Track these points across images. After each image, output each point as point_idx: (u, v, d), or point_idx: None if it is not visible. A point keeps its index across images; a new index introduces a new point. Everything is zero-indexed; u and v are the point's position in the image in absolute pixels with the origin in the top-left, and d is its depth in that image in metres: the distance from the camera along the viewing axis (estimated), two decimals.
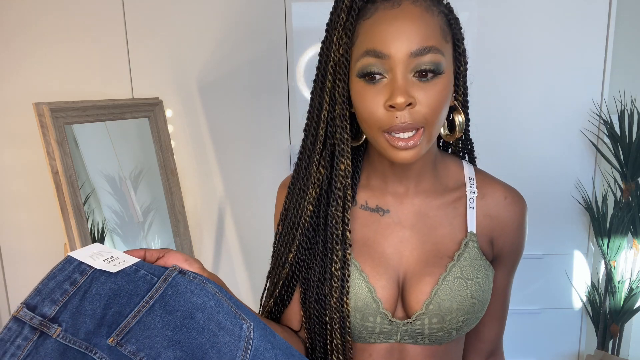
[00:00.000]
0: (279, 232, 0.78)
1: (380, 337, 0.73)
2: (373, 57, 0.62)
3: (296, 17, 1.71)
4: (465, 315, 0.71)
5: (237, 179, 1.85)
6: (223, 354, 0.60)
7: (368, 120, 0.64)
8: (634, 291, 1.72)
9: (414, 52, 0.61)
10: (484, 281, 0.72)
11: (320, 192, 0.72)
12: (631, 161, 1.65)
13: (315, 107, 0.71)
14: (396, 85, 0.61)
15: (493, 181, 0.77)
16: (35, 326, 0.56)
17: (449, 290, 0.70)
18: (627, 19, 1.73)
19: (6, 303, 1.93)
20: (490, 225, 0.75)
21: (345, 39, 0.65)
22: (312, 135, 0.72)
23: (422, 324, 0.70)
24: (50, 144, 1.30)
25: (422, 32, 0.61)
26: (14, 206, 1.87)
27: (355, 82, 0.65)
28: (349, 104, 0.68)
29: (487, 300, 0.73)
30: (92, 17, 1.73)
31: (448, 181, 0.76)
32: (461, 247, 0.72)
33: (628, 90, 1.74)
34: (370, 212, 0.75)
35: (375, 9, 0.63)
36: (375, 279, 0.71)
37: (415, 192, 0.75)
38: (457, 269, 0.71)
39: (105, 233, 1.65)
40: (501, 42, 1.70)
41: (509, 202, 0.75)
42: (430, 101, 0.62)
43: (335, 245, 0.70)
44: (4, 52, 1.76)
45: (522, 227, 0.77)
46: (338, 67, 0.66)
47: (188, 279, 0.63)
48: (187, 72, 1.77)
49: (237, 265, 1.89)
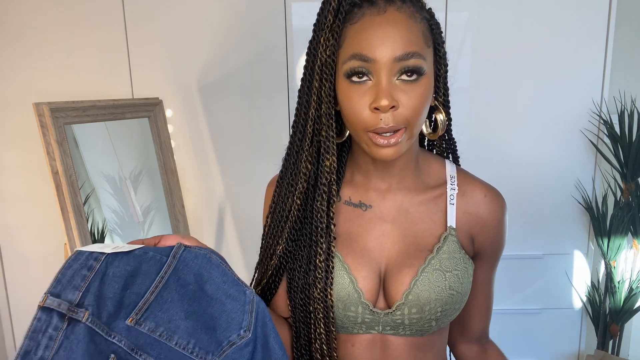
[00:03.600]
0: (267, 225, 0.82)
1: (362, 328, 0.75)
2: (359, 61, 0.65)
3: (296, 17, 1.71)
4: (443, 306, 0.73)
5: (237, 179, 1.85)
6: (231, 319, 0.64)
7: (353, 120, 0.67)
8: (634, 291, 1.72)
9: (398, 57, 0.64)
10: (462, 274, 0.75)
11: (307, 187, 0.76)
12: (631, 161, 1.65)
13: (303, 104, 0.74)
14: (381, 88, 0.64)
15: (474, 180, 0.80)
16: (64, 311, 0.58)
17: (427, 281, 0.73)
18: (627, 19, 1.73)
19: (6, 303, 1.93)
20: (470, 222, 0.78)
21: (332, 41, 0.67)
22: (300, 132, 0.76)
23: (402, 314, 0.73)
24: (50, 144, 1.30)
25: (406, 38, 0.65)
26: (14, 206, 1.87)
27: (342, 83, 0.68)
28: (334, 103, 0.71)
29: (466, 292, 0.76)
30: (92, 17, 1.73)
31: (430, 178, 0.79)
32: (440, 241, 0.75)
33: (628, 90, 1.74)
34: (354, 207, 0.79)
35: (362, 14, 0.66)
36: (357, 270, 0.75)
37: (398, 188, 0.78)
38: (436, 261, 0.74)
39: (105, 233, 1.65)
40: (501, 42, 1.70)
41: (488, 199, 0.78)
42: (412, 103, 0.66)
43: (319, 238, 0.74)
44: (4, 51, 1.76)
45: (502, 224, 0.80)
46: (325, 67, 0.69)
47: (194, 253, 0.67)
48: (187, 72, 1.77)
49: (237, 265, 1.89)
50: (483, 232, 0.78)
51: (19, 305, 1.94)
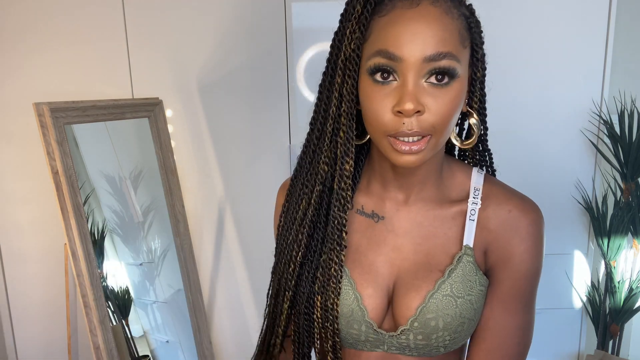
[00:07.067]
0: (280, 226, 0.77)
1: (367, 345, 0.71)
2: (385, 58, 0.59)
3: (296, 17, 1.71)
4: (452, 335, 0.68)
5: (237, 179, 1.85)
6: None
7: (373, 123, 0.62)
8: (634, 291, 1.72)
9: (428, 57, 0.58)
10: (476, 299, 0.68)
11: (323, 190, 0.70)
12: (631, 161, 1.65)
13: (323, 101, 0.68)
14: (406, 91, 0.58)
15: (501, 192, 0.70)
16: None
17: (435, 308, 0.66)
18: (627, 19, 1.73)
19: (6, 303, 1.93)
20: (487, 238, 0.69)
21: (358, 34, 0.62)
22: (318, 130, 0.69)
23: (407, 339, 0.68)
24: (50, 144, 1.30)
25: (438, 36, 0.58)
26: (14, 206, 1.86)
27: (364, 81, 0.62)
28: (356, 102, 0.65)
29: (479, 317, 0.70)
30: (92, 17, 1.73)
31: (452, 191, 0.72)
32: (454, 262, 0.68)
33: (628, 90, 1.74)
34: (366, 217, 0.73)
35: (392, 6, 0.60)
36: (363, 287, 0.70)
37: (415, 200, 0.71)
38: (447, 285, 0.67)
39: (105, 233, 1.65)
40: (501, 42, 1.70)
41: (512, 215, 0.68)
42: (440, 109, 0.59)
43: (336, 246, 0.68)
44: (4, 52, 1.76)
45: (528, 243, 0.67)
46: (349, 62, 0.63)
47: None
48: (187, 72, 1.77)
49: (237, 265, 1.89)
50: (497, 249, 0.68)
51: (19, 305, 1.94)
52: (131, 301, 1.74)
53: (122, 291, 1.72)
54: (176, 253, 1.80)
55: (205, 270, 1.91)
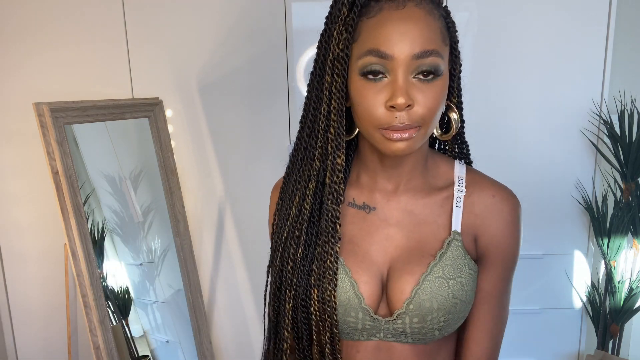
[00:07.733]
0: (275, 224, 0.80)
1: (363, 334, 0.73)
2: (376, 57, 0.63)
3: (296, 17, 1.71)
4: (446, 315, 0.71)
5: (237, 179, 1.85)
6: None
7: (366, 118, 0.66)
8: (634, 291, 1.72)
9: (416, 55, 0.62)
10: (467, 280, 0.72)
11: (317, 186, 0.73)
12: (631, 161, 1.65)
13: (313, 99, 0.72)
14: (397, 86, 0.63)
15: (483, 180, 0.76)
16: None
17: (429, 290, 0.70)
18: (627, 19, 1.73)
19: (6, 303, 1.93)
20: (475, 223, 0.74)
21: (345, 35, 0.65)
22: (309, 127, 0.73)
23: (403, 322, 0.71)
24: (50, 144, 1.30)
25: (425, 35, 0.63)
26: (14, 206, 1.87)
27: (356, 80, 0.66)
28: (345, 99, 0.68)
29: (471, 300, 0.73)
30: (92, 17, 1.73)
31: (437, 180, 0.77)
32: (444, 246, 0.72)
33: (628, 90, 1.74)
34: (357, 209, 0.77)
35: (379, 9, 0.64)
36: (358, 275, 0.72)
37: (404, 189, 0.76)
38: (439, 268, 0.71)
39: (105, 233, 1.65)
40: (501, 42, 1.70)
41: (496, 200, 0.74)
42: (428, 103, 0.64)
43: (330, 238, 0.71)
44: (4, 51, 1.76)
45: (511, 226, 0.74)
46: (337, 62, 0.67)
47: None
48: (187, 72, 1.77)
49: (237, 265, 1.89)
50: (487, 233, 0.74)
51: (19, 305, 1.94)
52: (131, 301, 1.74)
53: (122, 291, 1.72)
54: (176, 253, 1.80)
55: (205, 270, 1.91)
